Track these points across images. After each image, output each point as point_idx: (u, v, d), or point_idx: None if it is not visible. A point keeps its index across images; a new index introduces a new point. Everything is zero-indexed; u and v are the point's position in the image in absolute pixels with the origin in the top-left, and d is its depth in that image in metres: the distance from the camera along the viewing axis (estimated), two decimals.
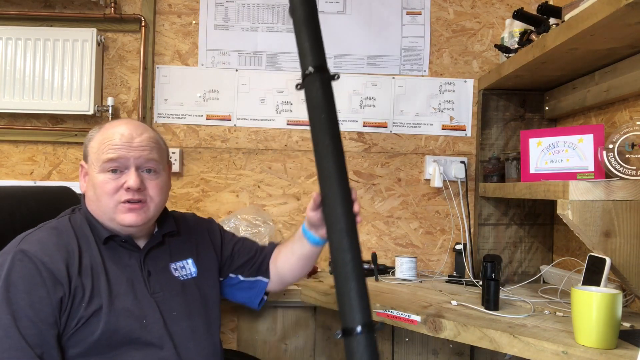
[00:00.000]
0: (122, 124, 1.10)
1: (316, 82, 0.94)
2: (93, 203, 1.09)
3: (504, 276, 1.87)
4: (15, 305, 0.93)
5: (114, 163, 1.06)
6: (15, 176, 2.02)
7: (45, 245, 1.00)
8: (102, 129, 1.11)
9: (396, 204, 2.07)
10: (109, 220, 1.09)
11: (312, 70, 0.95)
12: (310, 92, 0.95)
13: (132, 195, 1.06)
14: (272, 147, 2.06)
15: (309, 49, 0.98)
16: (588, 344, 1.05)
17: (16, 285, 0.95)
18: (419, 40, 2.08)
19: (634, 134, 1.25)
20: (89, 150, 1.10)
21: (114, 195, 1.06)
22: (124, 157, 1.06)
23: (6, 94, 1.92)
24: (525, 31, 1.70)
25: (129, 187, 1.05)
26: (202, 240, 1.28)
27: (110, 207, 1.07)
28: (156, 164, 1.11)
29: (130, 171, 1.07)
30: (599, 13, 1.16)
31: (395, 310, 1.37)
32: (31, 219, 1.19)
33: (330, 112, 0.94)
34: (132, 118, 2.03)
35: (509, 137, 1.94)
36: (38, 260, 0.97)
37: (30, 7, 2.01)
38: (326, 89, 0.95)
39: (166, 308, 1.09)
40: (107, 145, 1.06)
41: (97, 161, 1.07)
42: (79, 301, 0.99)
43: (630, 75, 1.43)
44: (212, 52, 2.06)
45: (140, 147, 1.08)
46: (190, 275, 1.19)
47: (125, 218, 1.06)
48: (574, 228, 1.24)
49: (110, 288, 1.04)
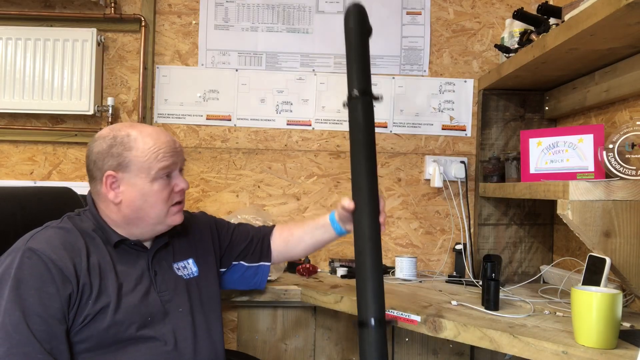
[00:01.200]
0: (159, 132, 1.13)
1: (359, 105, 1.08)
2: (137, 211, 1.09)
3: (504, 276, 1.87)
4: (25, 301, 0.94)
5: (168, 170, 1.11)
6: (15, 176, 2.02)
7: (53, 243, 1.02)
8: (137, 138, 1.08)
9: (396, 204, 2.07)
10: (155, 225, 1.12)
11: (357, 94, 1.08)
12: (353, 113, 1.09)
13: (182, 197, 1.15)
14: (272, 147, 2.06)
15: (357, 73, 1.11)
16: (588, 344, 1.05)
17: (25, 282, 0.96)
18: (419, 40, 2.08)
19: (634, 134, 1.25)
20: (132, 160, 1.07)
21: (167, 200, 1.12)
22: (175, 162, 1.13)
23: (6, 94, 1.93)
24: (525, 31, 1.70)
25: (183, 188, 1.14)
26: (202, 238, 1.30)
27: (163, 213, 1.12)
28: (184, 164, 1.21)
29: (177, 174, 1.14)
30: (598, 13, 1.16)
31: (395, 310, 1.37)
32: (33, 220, 1.18)
33: (369, 133, 1.08)
34: (132, 119, 2.04)
35: (509, 137, 1.94)
36: (47, 258, 0.98)
37: (30, 7, 2.01)
38: (368, 113, 1.09)
39: (172, 306, 1.12)
40: (159, 153, 1.09)
41: (149, 169, 1.07)
42: (86, 298, 1.01)
43: (630, 75, 1.43)
44: (212, 52, 2.06)
45: (181, 151, 1.17)
46: (192, 274, 1.22)
47: (176, 219, 1.14)
48: (574, 228, 1.24)
49: (120, 286, 1.06)
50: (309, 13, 2.06)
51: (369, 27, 1.18)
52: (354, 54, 1.12)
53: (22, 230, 1.14)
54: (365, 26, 1.17)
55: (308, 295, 1.66)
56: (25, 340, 0.92)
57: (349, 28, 1.15)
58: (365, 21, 1.17)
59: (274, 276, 1.74)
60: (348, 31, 1.15)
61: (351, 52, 1.13)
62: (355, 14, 1.16)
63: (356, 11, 1.16)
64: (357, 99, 1.08)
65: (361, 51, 1.13)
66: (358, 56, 1.12)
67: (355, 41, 1.14)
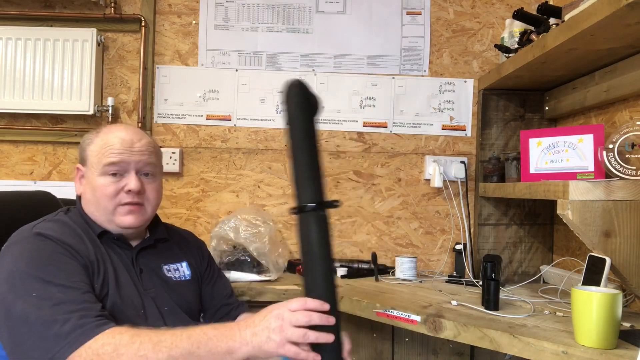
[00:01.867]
0: (122, 130, 1.15)
1: (312, 218, 0.94)
2: (91, 205, 1.13)
3: (504, 276, 1.87)
4: (53, 277, 0.95)
5: (115, 167, 1.10)
6: (15, 176, 2.02)
7: (57, 231, 1.04)
8: (101, 133, 1.15)
9: (396, 204, 2.07)
10: (107, 222, 1.12)
11: (309, 207, 0.94)
12: (305, 229, 0.94)
13: (132, 198, 1.11)
14: (272, 147, 2.06)
15: (306, 180, 0.97)
16: (588, 344, 1.05)
17: (46, 262, 0.97)
18: (419, 40, 2.08)
19: (634, 134, 1.25)
20: (88, 154, 1.14)
21: (114, 198, 1.10)
22: (125, 161, 1.11)
23: (6, 94, 1.92)
24: (525, 31, 1.69)
25: (130, 189, 1.10)
26: (193, 252, 1.32)
27: (109, 210, 1.11)
28: (153, 168, 1.17)
29: (131, 175, 1.11)
30: (598, 13, 1.16)
31: (395, 310, 1.37)
32: (12, 224, 1.14)
33: (326, 248, 0.94)
34: (132, 118, 2.04)
35: (509, 137, 1.94)
36: (57, 240, 1.01)
37: (30, 7, 2.01)
38: (322, 228, 0.94)
39: (159, 303, 1.13)
40: (108, 149, 1.11)
41: (98, 164, 1.11)
42: (95, 279, 1.03)
43: (630, 75, 1.43)
44: (212, 52, 2.06)
45: (140, 152, 1.13)
46: (184, 277, 1.23)
47: (124, 220, 1.11)
48: (574, 228, 1.24)
49: (116, 276, 1.07)
50: (309, 13, 2.06)
51: (315, 102, 1.00)
52: (299, 153, 0.97)
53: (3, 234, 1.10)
54: (310, 105, 0.99)
55: None
56: (70, 303, 0.93)
57: (289, 115, 0.98)
58: (308, 100, 0.99)
59: (274, 276, 1.74)
60: (289, 119, 0.98)
61: (295, 150, 0.97)
62: (294, 95, 0.98)
63: (294, 91, 0.98)
64: (309, 213, 0.93)
65: (307, 145, 0.97)
66: (303, 154, 0.97)
67: (298, 136, 0.97)
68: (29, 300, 0.91)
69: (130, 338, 0.88)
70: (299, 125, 0.97)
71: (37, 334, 0.88)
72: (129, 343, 0.87)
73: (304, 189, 0.95)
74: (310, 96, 1.00)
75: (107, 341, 0.88)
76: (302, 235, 0.95)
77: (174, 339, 0.88)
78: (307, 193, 0.95)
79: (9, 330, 0.91)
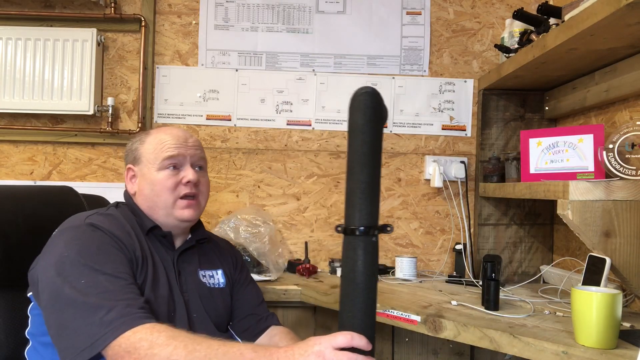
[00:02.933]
0: (173, 128, 1.22)
1: (361, 243, 0.86)
2: (149, 200, 1.15)
3: (504, 276, 1.87)
4: (99, 265, 0.97)
5: (173, 160, 1.15)
6: (15, 176, 2.02)
7: (107, 223, 1.07)
8: (151, 133, 1.20)
9: (396, 204, 2.07)
10: (166, 216, 1.15)
11: (360, 231, 0.86)
12: (352, 252, 0.87)
13: (190, 189, 1.15)
14: (272, 147, 2.06)
15: (364, 204, 0.87)
16: (588, 344, 1.05)
17: (94, 250, 0.99)
18: (419, 40, 2.08)
19: (634, 134, 1.25)
20: (142, 152, 1.18)
21: (174, 190, 1.14)
22: (182, 154, 1.16)
23: (6, 94, 1.92)
24: (525, 31, 1.69)
25: (189, 180, 1.14)
26: (228, 262, 1.32)
27: (170, 202, 1.14)
28: (205, 162, 1.23)
29: (187, 167, 1.16)
30: (599, 13, 1.16)
31: (395, 310, 1.37)
32: (34, 219, 1.20)
33: (371, 278, 0.87)
34: (132, 118, 2.04)
35: (509, 137, 1.94)
36: (108, 231, 1.04)
37: (30, 7, 2.01)
38: (371, 253, 0.87)
39: (190, 308, 1.14)
40: (165, 144, 1.15)
41: (156, 160, 1.15)
42: (137, 274, 1.05)
43: (630, 75, 1.43)
44: (212, 52, 2.06)
45: (194, 147, 1.19)
46: (219, 285, 1.24)
47: (184, 213, 1.15)
48: (574, 228, 1.24)
49: (155, 274, 1.09)
50: (309, 13, 2.06)
51: (384, 116, 0.92)
52: (358, 169, 0.87)
53: (23, 229, 1.15)
54: (380, 119, 0.90)
55: (308, 295, 1.66)
56: (117, 292, 0.94)
57: (354, 125, 0.88)
58: (379, 112, 0.90)
59: (274, 276, 1.74)
60: (354, 129, 0.88)
61: (356, 165, 0.87)
62: (364, 105, 0.88)
63: (366, 101, 0.88)
64: (358, 237, 0.85)
65: (371, 162, 0.88)
66: (363, 170, 0.87)
67: (362, 150, 0.87)
68: (77, 286, 0.93)
69: (167, 339, 0.88)
70: (365, 139, 0.88)
71: (83, 318, 0.90)
72: (164, 344, 0.87)
73: (358, 209, 0.86)
74: (382, 109, 0.91)
75: (145, 336, 0.88)
76: (346, 259, 0.88)
77: (209, 352, 0.87)
78: (361, 215, 0.86)
79: (55, 312, 0.94)
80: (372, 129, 0.88)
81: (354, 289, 0.86)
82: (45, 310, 0.97)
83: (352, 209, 0.87)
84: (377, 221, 0.88)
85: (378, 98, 0.90)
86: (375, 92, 0.90)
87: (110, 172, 2.04)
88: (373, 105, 0.89)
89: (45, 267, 0.98)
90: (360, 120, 0.88)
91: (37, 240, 1.08)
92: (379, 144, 0.89)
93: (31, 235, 1.15)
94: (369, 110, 0.88)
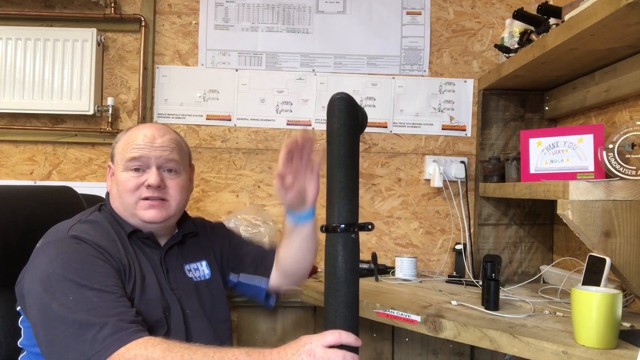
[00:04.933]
0: (147, 127, 1.17)
1: (341, 239, 0.92)
2: (116, 200, 1.14)
3: (504, 276, 1.87)
4: (86, 280, 0.96)
5: (136, 162, 1.12)
6: (15, 176, 2.02)
7: (91, 234, 1.05)
8: (129, 131, 1.17)
9: (396, 204, 2.07)
10: (131, 217, 1.13)
11: (341, 228, 0.91)
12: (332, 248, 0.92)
13: (152, 193, 1.11)
14: (272, 147, 2.06)
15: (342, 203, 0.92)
16: (588, 344, 1.05)
17: (80, 264, 0.98)
18: (419, 40, 2.08)
19: (634, 134, 1.25)
20: (115, 151, 1.16)
21: (135, 192, 1.11)
22: (145, 156, 1.12)
23: (6, 94, 1.92)
24: (525, 31, 1.69)
25: (150, 184, 1.11)
26: (215, 242, 1.32)
27: (131, 204, 1.12)
28: (176, 164, 1.16)
29: (152, 170, 1.12)
30: (599, 13, 1.16)
31: (395, 310, 1.37)
32: (33, 219, 1.20)
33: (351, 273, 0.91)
34: (132, 118, 2.04)
35: (509, 137, 1.94)
36: (92, 243, 1.03)
37: (30, 7, 2.01)
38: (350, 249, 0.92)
39: (184, 305, 1.14)
40: (130, 145, 1.12)
41: (122, 160, 1.13)
42: (125, 283, 1.04)
43: (630, 75, 1.43)
44: (212, 52, 2.06)
45: (161, 148, 1.13)
46: (204, 277, 1.24)
47: (145, 214, 1.12)
48: (574, 228, 1.24)
49: (143, 278, 1.08)
50: (309, 13, 2.05)
51: (361, 120, 0.97)
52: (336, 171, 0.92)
53: (22, 229, 1.15)
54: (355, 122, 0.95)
55: (308, 295, 1.66)
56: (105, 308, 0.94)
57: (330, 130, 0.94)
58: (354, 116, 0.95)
59: None
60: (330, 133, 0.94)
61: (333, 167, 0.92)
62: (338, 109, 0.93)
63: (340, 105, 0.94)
64: (339, 234, 0.91)
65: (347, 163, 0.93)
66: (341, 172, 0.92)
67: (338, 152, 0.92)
68: (65, 303, 0.92)
69: (162, 352, 0.88)
70: (340, 140, 0.93)
71: (73, 337, 0.89)
72: (160, 357, 0.87)
73: (338, 208, 0.92)
74: (357, 112, 0.96)
75: (140, 352, 0.87)
76: (327, 255, 0.92)
77: None
78: (340, 213, 0.91)
79: (44, 329, 0.93)
80: (346, 132, 0.93)
81: (336, 284, 0.90)
82: (34, 327, 0.96)
83: (332, 208, 0.92)
84: (357, 219, 0.93)
85: (351, 102, 0.95)
86: (349, 97, 0.95)
87: None
88: (347, 110, 0.93)
89: (31, 282, 0.98)
90: (335, 125, 0.93)
91: (36, 240, 1.07)
92: (355, 146, 0.94)
93: (30, 236, 1.14)
94: (343, 114, 0.93)
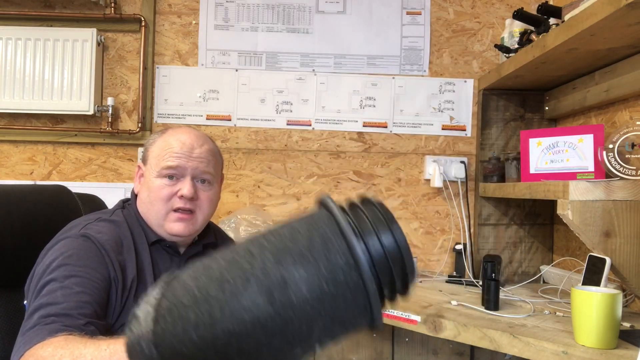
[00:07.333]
0: (185, 133, 1.13)
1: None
2: (145, 205, 1.11)
3: (504, 276, 1.87)
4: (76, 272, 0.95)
5: (172, 170, 1.09)
6: (15, 176, 2.02)
7: (106, 235, 1.03)
8: (165, 134, 1.14)
9: (396, 204, 2.07)
10: (157, 226, 1.10)
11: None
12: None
13: (184, 204, 1.09)
14: (272, 147, 2.06)
15: None
16: (588, 344, 1.05)
17: (77, 259, 0.97)
18: (419, 40, 2.08)
19: (634, 134, 1.25)
20: (149, 154, 1.13)
21: (167, 202, 1.09)
22: (182, 166, 1.09)
23: (6, 94, 1.93)
24: (525, 31, 1.69)
25: (183, 195, 1.08)
26: None
27: (162, 213, 1.09)
28: (211, 177, 1.14)
29: (186, 180, 1.09)
30: (599, 13, 1.16)
31: (395, 310, 1.37)
32: (29, 218, 1.18)
33: None
34: (132, 118, 2.04)
35: (509, 137, 1.94)
36: (99, 245, 1.00)
37: (30, 7, 2.01)
38: None
39: None
40: (167, 152, 1.09)
41: (156, 166, 1.10)
42: (128, 290, 1.02)
43: (630, 75, 1.43)
44: (212, 52, 2.06)
45: (198, 159, 1.11)
46: None
47: (173, 227, 1.09)
48: (574, 228, 1.24)
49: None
50: (309, 13, 2.06)
51: None
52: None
53: (18, 229, 1.13)
54: None
55: None
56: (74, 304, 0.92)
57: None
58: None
59: None
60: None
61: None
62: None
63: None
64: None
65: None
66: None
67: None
68: (39, 299, 0.92)
69: (54, 350, 0.83)
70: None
71: (24, 327, 0.90)
72: (50, 356, 0.82)
73: None
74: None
75: (39, 352, 0.84)
76: None
77: (95, 355, 0.81)
78: None
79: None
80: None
81: None
82: None
83: None
84: None
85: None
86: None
87: (110, 172, 2.03)
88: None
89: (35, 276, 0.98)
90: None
91: (31, 239, 1.07)
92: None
93: (25, 235, 1.13)
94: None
